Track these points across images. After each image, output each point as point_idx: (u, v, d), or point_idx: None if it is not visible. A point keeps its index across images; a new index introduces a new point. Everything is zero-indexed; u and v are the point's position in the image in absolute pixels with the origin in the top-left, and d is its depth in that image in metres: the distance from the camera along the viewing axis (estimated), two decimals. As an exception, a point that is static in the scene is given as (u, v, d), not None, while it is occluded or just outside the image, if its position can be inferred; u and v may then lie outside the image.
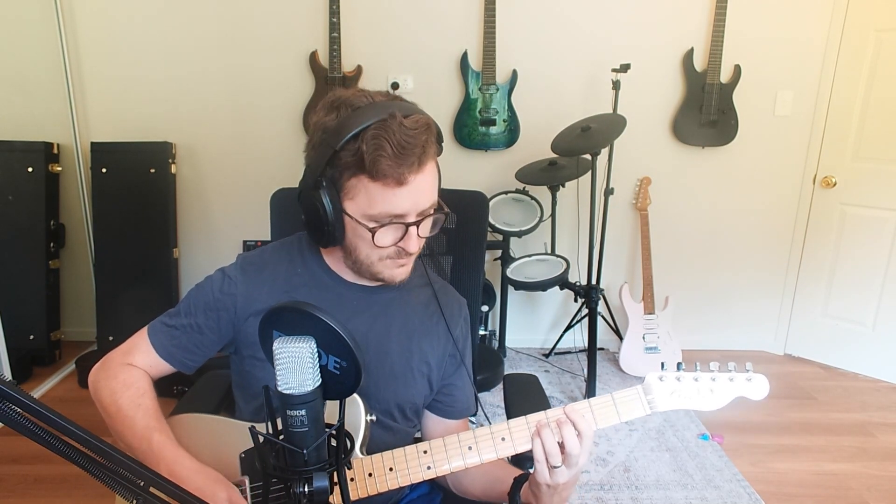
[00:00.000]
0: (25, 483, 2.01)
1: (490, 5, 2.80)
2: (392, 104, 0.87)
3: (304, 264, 1.03)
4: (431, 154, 0.89)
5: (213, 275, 1.03)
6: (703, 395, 0.91)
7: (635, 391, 0.91)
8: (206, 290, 1.00)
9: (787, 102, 2.99)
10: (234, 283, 0.99)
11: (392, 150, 0.83)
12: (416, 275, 1.08)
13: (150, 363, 0.99)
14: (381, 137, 0.83)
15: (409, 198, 0.87)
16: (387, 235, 0.90)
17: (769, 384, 0.91)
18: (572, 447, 0.84)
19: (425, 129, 0.87)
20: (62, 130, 2.87)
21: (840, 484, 2.13)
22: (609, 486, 2.08)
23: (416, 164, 0.85)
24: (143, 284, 2.78)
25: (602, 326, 2.96)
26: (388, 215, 0.88)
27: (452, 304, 1.10)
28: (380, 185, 0.85)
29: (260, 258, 1.04)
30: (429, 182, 0.90)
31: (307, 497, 0.62)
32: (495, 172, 3.00)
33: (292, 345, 0.59)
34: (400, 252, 0.93)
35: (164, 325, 1.01)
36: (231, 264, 1.03)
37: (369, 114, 0.85)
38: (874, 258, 2.91)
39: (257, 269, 1.01)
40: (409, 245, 0.91)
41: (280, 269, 1.02)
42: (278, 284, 1.00)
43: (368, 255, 0.94)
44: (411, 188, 0.86)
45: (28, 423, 0.50)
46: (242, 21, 2.84)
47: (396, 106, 0.87)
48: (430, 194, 0.91)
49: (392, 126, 0.84)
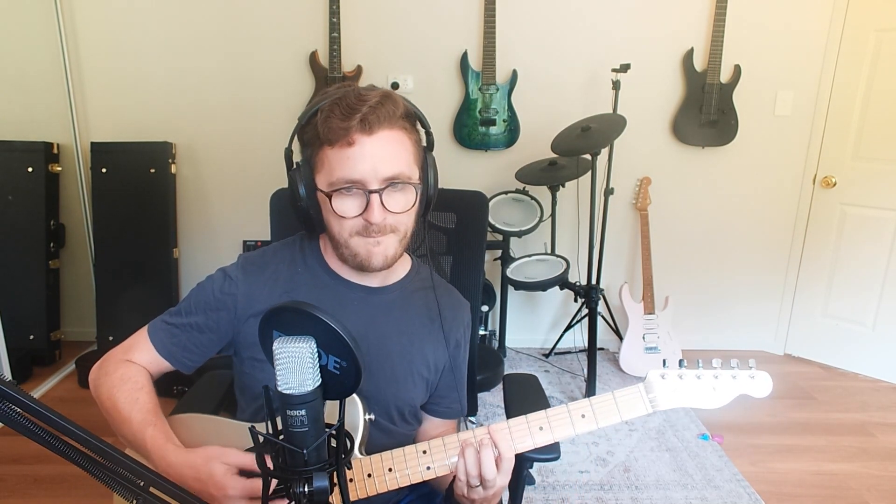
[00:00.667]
0: (25, 483, 2.01)
1: (490, 5, 2.80)
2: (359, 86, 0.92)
3: (305, 264, 1.03)
4: (389, 122, 0.89)
5: (214, 274, 1.02)
6: (705, 393, 0.89)
7: (636, 389, 0.90)
8: (206, 289, 1.00)
9: (787, 102, 2.99)
10: (234, 284, 0.99)
11: (340, 111, 0.87)
12: (419, 277, 1.08)
13: (150, 361, 0.99)
14: (334, 105, 0.88)
15: (362, 161, 0.88)
16: (346, 202, 0.90)
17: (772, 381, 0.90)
18: (487, 471, 0.84)
19: (381, 96, 0.89)
20: (62, 130, 2.86)
21: (840, 484, 2.13)
22: (609, 486, 2.08)
23: (364, 124, 0.87)
24: (143, 284, 2.78)
25: (602, 326, 2.96)
26: (344, 180, 0.89)
27: (454, 309, 1.09)
28: (336, 150, 0.88)
29: (261, 258, 1.04)
30: (388, 149, 0.89)
31: (307, 497, 0.62)
32: (495, 172, 3.00)
33: (292, 345, 0.59)
34: (367, 226, 0.91)
35: (165, 324, 1.00)
36: (232, 264, 1.03)
37: (334, 93, 0.89)
38: (874, 258, 2.91)
39: (258, 270, 1.01)
40: (370, 215, 0.89)
41: (281, 268, 1.02)
42: (279, 284, 1.00)
43: (340, 233, 0.93)
44: (364, 151, 0.87)
45: (28, 423, 0.51)
46: (242, 21, 2.84)
47: (363, 86, 0.91)
48: (393, 162, 0.89)
49: (347, 95, 0.89)
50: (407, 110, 0.93)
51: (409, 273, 1.08)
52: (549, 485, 2.08)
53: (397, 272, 1.06)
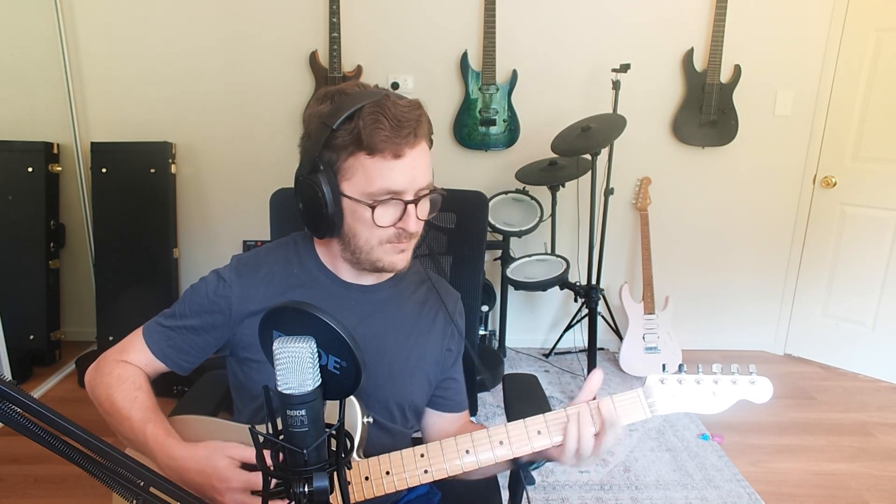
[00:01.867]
0: (25, 483, 2.01)
1: (490, 5, 2.80)
2: (384, 90, 0.91)
3: (300, 264, 1.03)
4: (425, 132, 0.91)
5: (207, 276, 1.02)
6: (705, 398, 0.89)
7: (635, 394, 0.89)
8: (200, 292, 1.00)
9: (787, 102, 2.99)
10: (228, 286, 0.99)
11: (389, 122, 0.85)
12: (410, 272, 1.08)
13: (145, 362, 0.99)
14: (377, 113, 0.86)
15: (406, 172, 0.88)
16: (386, 214, 0.90)
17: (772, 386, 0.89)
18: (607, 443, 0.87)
19: (418, 107, 0.90)
20: (62, 130, 2.86)
21: (840, 484, 2.13)
22: (609, 486, 2.08)
23: (412, 137, 0.87)
24: (143, 284, 2.78)
25: (602, 326, 2.96)
26: (386, 191, 0.89)
27: (446, 300, 1.11)
28: (378, 159, 0.87)
29: (255, 259, 1.04)
30: (424, 159, 0.91)
31: (307, 497, 0.62)
32: (495, 172, 3.00)
33: (292, 345, 0.59)
34: (400, 234, 0.92)
35: (160, 326, 1.01)
36: (225, 266, 1.03)
37: (363, 96, 0.88)
38: (874, 258, 2.91)
39: (252, 271, 1.01)
40: (408, 224, 0.91)
41: (276, 269, 1.02)
42: (274, 285, 1.00)
43: (368, 240, 0.93)
44: (408, 162, 0.88)
45: (28, 423, 0.50)
46: (242, 21, 2.84)
47: (388, 91, 0.91)
48: (426, 172, 0.92)
49: (387, 103, 0.87)
50: (429, 120, 0.94)
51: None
52: (549, 485, 2.08)
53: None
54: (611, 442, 0.87)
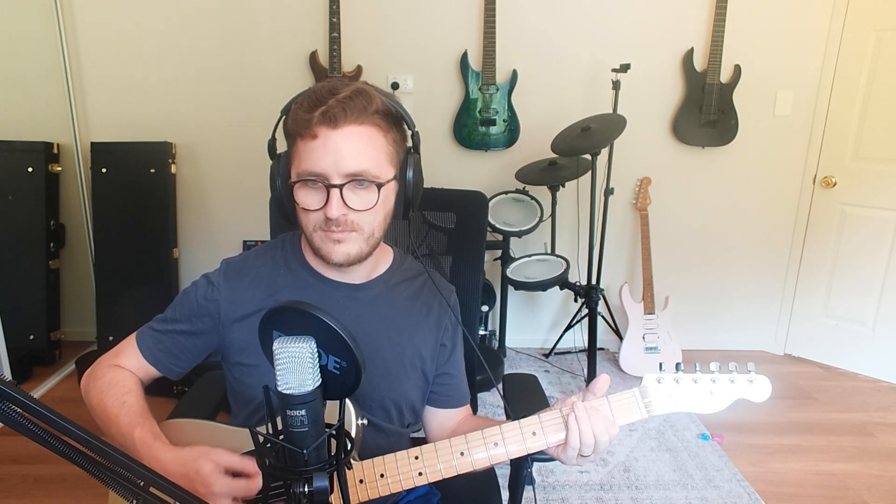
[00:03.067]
0: (25, 483, 2.01)
1: (490, 5, 2.80)
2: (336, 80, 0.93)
3: (287, 266, 1.03)
4: (357, 117, 0.87)
5: (198, 280, 1.03)
6: (702, 398, 0.88)
7: (632, 394, 0.88)
8: (191, 296, 1.01)
9: (787, 102, 2.99)
10: (217, 290, 0.99)
11: (306, 103, 0.88)
12: (402, 268, 1.08)
13: (137, 366, 1.00)
14: (304, 97, 0.89)
15: (325, 154, 0.87)
16: (308, 195, 0.90)
17: (771, 385, 0.88)
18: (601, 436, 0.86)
19: (353, 91, 0.88)
20: (62, 130, 2.86)
21: (840, 484, 2.13)
22: (609, 486, 2.08)
23: (328, 118, 0.86)
24: (143, 284, 2.78)
25: (602, 326, 2.96)
26: (307, 172, 0.88)
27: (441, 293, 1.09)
28: (304, 142, 0.88)
29: (243, 263, 1.04)
30: (353, 145, 0.87)
31: (307, 497, 0.62)
32: (495, 172, 3.00)
33: (292, 345, 0.59)
34: (327, 221, 0.89)
35: (152, 330, 1.01)
36: (215, 270, 1.03)
37: (314, 86, 0.90)
38: (874, 258, 2.91)
39: (240, 274, 1.01)
40: (328, 209, 0.88)
41: (263, 272, 1.02)
42: (262, 288, 1.00)
43: (306, 226, 0.93)
44: (328, 145, 0.86)
45: (28, 423, 0.50)
46: (242, 21, 2.84)
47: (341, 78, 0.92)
48: (357, 158, 0.87)
49: (320, 89, 0.88)
50: (385, 108, 0.90)
51: (391, 266, 1.07)
52: (549, 485, 2.08)
53: (379, 266, 1.05)
54: (606, 440, 0.86)
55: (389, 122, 0.92)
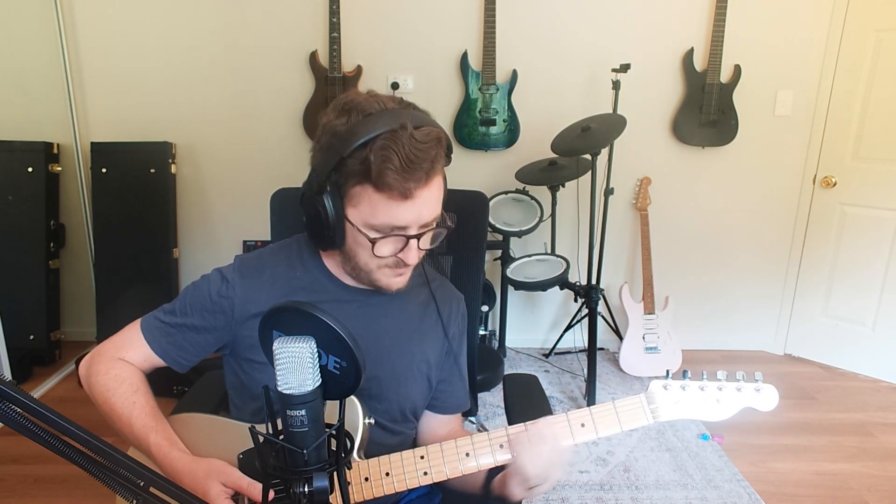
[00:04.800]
0: (25, 483, 2.01)
1: (490, 5, 2.80)
2: (404, 113, 0.86)
3: (304, 267, 1.02)
4: (439, 168, 0.89)
5: (210, 275, 1.01)
6: (708, 405, 0.88)
7: (638, 400, 0.88)
8: (202, 290, 0.99)
9: (787, 102, 2.99)
10: (231, 287, 0.98)
11: (400, 163, 0.82)
12: (413, 274, 1.08)
13: (143, 358, 0.98)
14: (389, 149, 0.82)
15: (412, 211, 0.87)
16: (387, 246, 0.91)
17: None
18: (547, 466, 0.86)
19: (436, 143, 0.86)
20: (62, 130, 2.86)
21: (840, 484, 2.13)
22: (609, 486, 2.08)
23: (423, 180, 0.85)
24: (143, 284, 2.78)
25: (602, 326, 2.96)
26: (390, 227, 0.88)
27: (450, 302, 1.11)
28: (385, 196, 0.85)
29: (258, 260, 1.03)
30: (434, 196, 0.90)
31: (307, 497, 0.62)
32: (495, 172, 3.00)
33: (292, 345, 0.59)
34: (399, 262, 0.93)
35: (160, 322, 1.00)
36: (228, 266, 1.02)
37: (380, 122, 0.83)
38: (874, 258, 2.91)
39: (256, 272, 1.01)
40: (408, 257, 0.91)
41: (279, 271, 1.01)
42: (277, 287, 0.99)
43: (367, 263, 0.94)
44: (416, 202, 0.86)
45: (28, 423, 0.51)
46: (242, 21, 2.84)
47: (408, 115, 0.85)
48: (434, 208, 0.91)
49: (402, 138, 0.82)
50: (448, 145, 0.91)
51: None
52: (549, 485, 2.07)
53: None
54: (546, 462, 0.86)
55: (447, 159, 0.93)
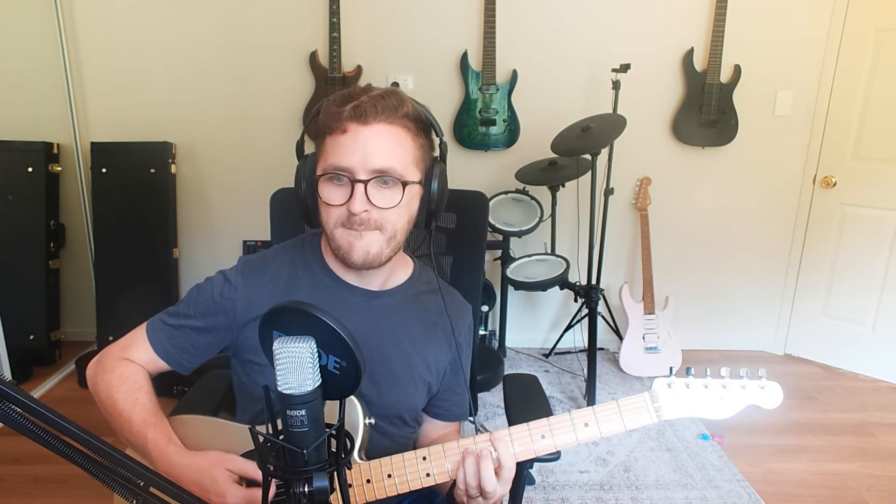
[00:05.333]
0: (25, 483, 2.01)
1: (490, 5, 2.80)
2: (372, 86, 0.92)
3: (306, 267, 1.02)
4: (387, 115, 0.88)
5: (213, 277, 1.02)
6: (712, 403, 0.86)
7: (642, 399, 0.87)
8: (206, 292, 1.00)
9: (787, 102, 2.99)
10: (234, 288, 0.99)
11: (339, 100, 0.89)
12: (421, 280, 1.08)
13: (148, 360, 0.99)
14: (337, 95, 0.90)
15: (353, 149, 0.87)
16: (332, 190, 0.90)
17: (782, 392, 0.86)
18: (487, 483, 0.83)
19: (385, 92, 0.90)
20: (62, 130, 2.86)
21: (840, 484, 2.13)
22: (609, 486, 2.08)
23: (358, 113, 0.87)
24: (143, 284, 2.78)
25: (602, 326, 2.96)
26: (333, 167, 0.89)
27: (456, 312, 1.09)
28: (332, 138, 0.89)
29: (261, 261, 1.03)
30: (381, 142, 0.88)
31: (307, 497, 0.62)
32: (495, 172, 3.00)
33: (292, 345, 0.59)
34: (350, 217, 0.89)
35: (164, 324, 1.00)
36: (232, 267, 1.02)
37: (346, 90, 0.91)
38: (874, 258, 2.91)
39: (258, 273, 1.01)
40: (352, 204, 0.88)
41: (282, 271, 1.01)
42: (279, 288, 0.99)
43: (327, 222, 0.93)
44: (356, 140, 0.87)
45: (28, 423, 0.51)
46: (242, 21, 2.84)
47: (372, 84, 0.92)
48: (384, 156, 0.88)
49: (353, 89, 0.90)
50: (415, 112, 0.92)
51: (410, 277, 1.07)
52: (549, 485, 2.08)
53: (398, 276, 1.05)
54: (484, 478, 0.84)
55: (419, 126, 0.93)
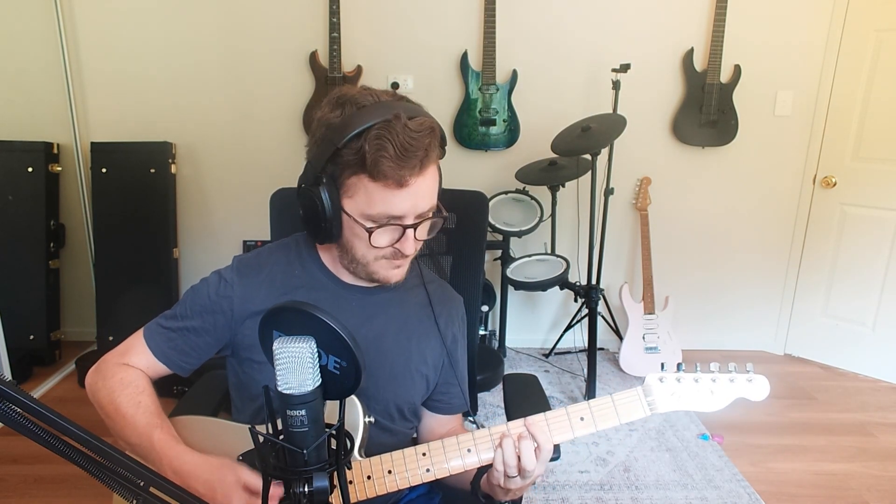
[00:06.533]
0: (25, 483, 2.01)
1: (490, 5, 2.80)
2: (397, 105, 0.86)
3: (302, 265, 1.03)
4: (433, 158, 0.90)
5: (208, 277, 1.02)
6: (703, 397, 0.90)
7: (635, 392, 0.90)
8: (201, 292, 1.00)
9: (787, 102, 2.99)
10: (229, 286, 0.99)
11: (394, 151, 0.82)
12: (412, 275, 1.08)
13: (147, 364, 0.99)
14: (384, 138, 0.82)
15: (408, 200, 0.87)
16: (383, 236, 0.90)
17: (769, 385, 0.90)
18: (527, 462, 0.86)
19: (429, 133, 0.86)
20: (62, 130, 2.86)
21: (840, 484, 2.13)
22: (609, 486, 2.08)
23: (417, 168, 0.85)
24: (143, 284, 2.78)
25: (602, 326, 2.96)
26: (386, 216, 0.88)
27: (448, 304, 1.10)
28: (380, 185, 0.85)
29: (256, 260, 1.04)
30: (429, 185, 0.90)
31: (307, 497, 0.62)
32: (495, 172, 3.00)
33: (292, 345, 0.59)
34: (396, 253, 0.93)
35: (161, 328, 1.00)
36: (227, 266, 1.03)
37: (374, 113, 0.84)
38: (874, 258, 2.91)
39: (254, 271, 1.01)
40: (405, 247, 0.91)
41: (277, 270, 1.02)
42: (276, 286, 1.00)
43: (364, 255, 0.94)
44: (411, 191, 0.87)
45: (28, 423, 0.51)
46: (242, 21, 2.84)
47: (402, 107, 0.86)
48: (430, 197, 0.91)
49: (396, 127, 0.83)
50: (442, 136, 0.92)
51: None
52: (549, 485, 2.08)
53: None
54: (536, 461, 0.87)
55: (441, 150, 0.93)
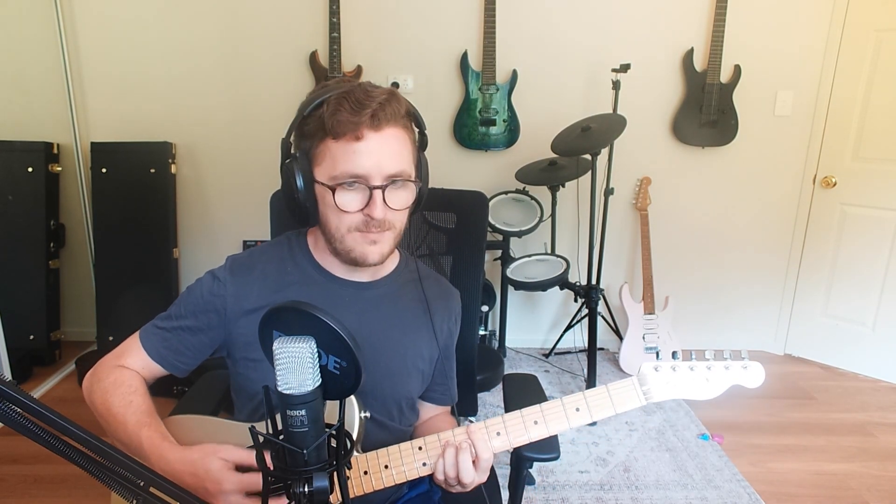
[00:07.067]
0: (25, 483, 2.01)
1: (490, 5, 2.80)
2: (364, 83, 0.92)
3: (294, 262, 1.03)
4: (395, 120, 0.90)
5: (202, 277, 1.03)
6: (698, 384, 0.90)
7: (630, 382, 0.90)
8: (195, 292, 1.01)
9: (787, 102, 2.99)
10: (223, 285, 1.00)
11: (349, 105, 0.87)
12: (408, 270, 1.09)
13: (142, 366, 0.99)
14: (341, 98, 0.88)
15: (368, 156, 0.88)
16: (349, 198, 0.90)
17: (765, 374, 0.90)
18: (465, 475, 0.87)
19: (388, 94, 0.90)
20: (62, 130, 2.86)
21: (840, 484, 2.13)
22: (609, 486, 2.08)
23: (374, 120, 0.87)
24: (143, 284, 2.78)
25: (602, 326, 2.96)
26: (349, 174, 0.89)
27: (443, 299, 1.11)
28: (341, 144, 0.88)
29: (249, 259, 1.04)
30: (393, 146, 0.90)
31: (307, 497, 0.62)
32: (495, 172, 3.00)
33: (292, 345, 0.59)
34: (367, 222, 0.91)
35: (156, 328, 1.01)
36: (220, 266, 1.03)
37: (337, 87, 0.90)
38: (874, 258, 2.91)
39: (247, 270, 1.02)
40: (373, 210, 0.89)
41: (270, 268, 1.02)
42: (268, 284, 1.00)
43: (338, 227, 0.93)
44: (371, 146, 0.88)
45: (28, 423, 0.51)
46: (242, 21, 2.84)
47: (367, 83, 0.91)
48: (397, 160, 0.91)
49: (355, 90, 0.88)
50: (409, 109, 0.94)
51: (398, 266, 1.09)
52: (549, 485, 2.08)
53: (387, 266, 1.07)
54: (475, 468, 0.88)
55: (412, 123, 0.95)
